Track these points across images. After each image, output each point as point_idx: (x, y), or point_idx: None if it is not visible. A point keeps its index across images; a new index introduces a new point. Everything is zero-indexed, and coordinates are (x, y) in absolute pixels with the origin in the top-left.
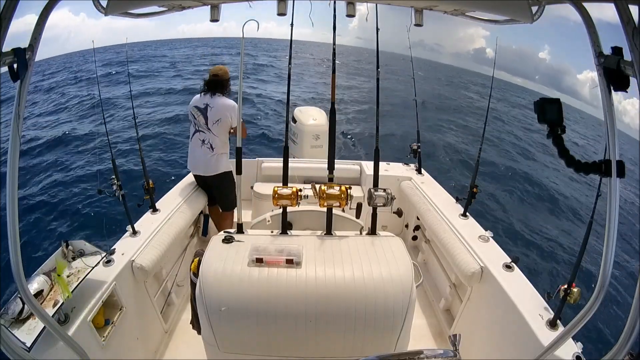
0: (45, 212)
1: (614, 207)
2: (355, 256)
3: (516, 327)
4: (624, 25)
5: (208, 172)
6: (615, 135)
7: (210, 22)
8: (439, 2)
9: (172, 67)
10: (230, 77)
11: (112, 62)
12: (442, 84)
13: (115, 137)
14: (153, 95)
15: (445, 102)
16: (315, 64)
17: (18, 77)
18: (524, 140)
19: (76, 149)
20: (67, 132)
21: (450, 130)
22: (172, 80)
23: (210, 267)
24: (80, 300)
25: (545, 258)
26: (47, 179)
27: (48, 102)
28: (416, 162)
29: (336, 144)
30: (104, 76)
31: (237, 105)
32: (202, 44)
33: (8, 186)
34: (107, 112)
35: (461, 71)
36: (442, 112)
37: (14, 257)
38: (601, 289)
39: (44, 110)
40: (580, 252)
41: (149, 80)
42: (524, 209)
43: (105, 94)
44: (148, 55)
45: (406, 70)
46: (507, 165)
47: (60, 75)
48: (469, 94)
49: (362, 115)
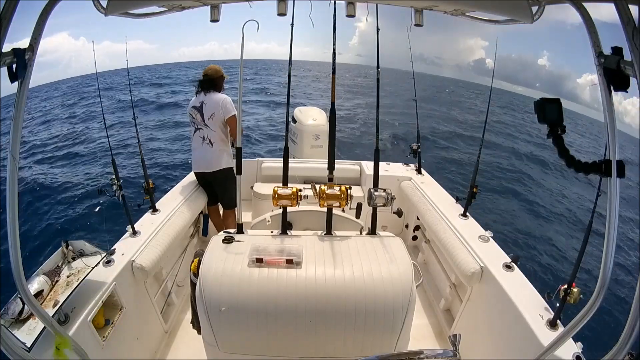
0: (45, 212)
1: (613, 207)
2: (355, 256)
3: (516, 327)
4: (624, 25)
5: (209, 168)
6: (616, 135)
7: (210, 22)
8: (439, 2)
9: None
10: (229, 79)
11: (113, 85)
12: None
13: (116, 137)
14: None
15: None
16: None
17: (16, 78)
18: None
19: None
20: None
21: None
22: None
23: (210, 267)
24: (80, 300)
25: (545, 258)
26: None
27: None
28: (416, 162)
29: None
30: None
31: (237, 106)
32: (204, 66)
33: (8, 186)
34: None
35: (465, 84)
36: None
37: (14, 257)
38: (601, 289)
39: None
40: (580, 252)
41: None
42: (524, 208)
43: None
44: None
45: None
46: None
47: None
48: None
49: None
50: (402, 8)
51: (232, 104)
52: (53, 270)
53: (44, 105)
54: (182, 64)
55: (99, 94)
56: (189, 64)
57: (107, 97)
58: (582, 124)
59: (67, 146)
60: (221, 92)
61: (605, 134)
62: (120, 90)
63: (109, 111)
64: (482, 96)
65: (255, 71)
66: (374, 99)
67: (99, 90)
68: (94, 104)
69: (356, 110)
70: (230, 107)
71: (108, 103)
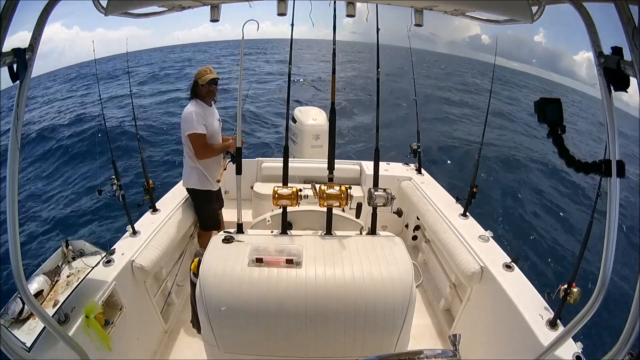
0: (45, 212)
1: (613, 207)
2: (355, 256)
3: (516, 327)
4: (624, 25)
5: (184, 184)
6: (616, 135)
7: (211, 22)
8: (439, 2)
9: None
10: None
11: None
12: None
13: (116, 138)
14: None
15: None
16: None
17: (17, 78)
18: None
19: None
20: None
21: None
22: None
23: (210, 267)
24: (80, 300)
25: (545, 258)
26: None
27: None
28: (416, 162)
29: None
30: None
31: (237, 105)
32: (198, 49)
33: (8, 186)
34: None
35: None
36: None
37: (14, 257)
38: (601, 289)
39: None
40: (580, 252)
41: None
42: (525, 207)
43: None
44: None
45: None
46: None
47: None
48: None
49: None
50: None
51: (191, 119)
52: (53, 270)
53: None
54: (177, 47)
55: (100, 98)
56: (184, 47)
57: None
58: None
59: (67, 145)
60: (200, 98)
61: (605, 134)
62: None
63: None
64: (473, 72)
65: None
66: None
67: (100, 93)
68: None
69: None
70: (187, 124)
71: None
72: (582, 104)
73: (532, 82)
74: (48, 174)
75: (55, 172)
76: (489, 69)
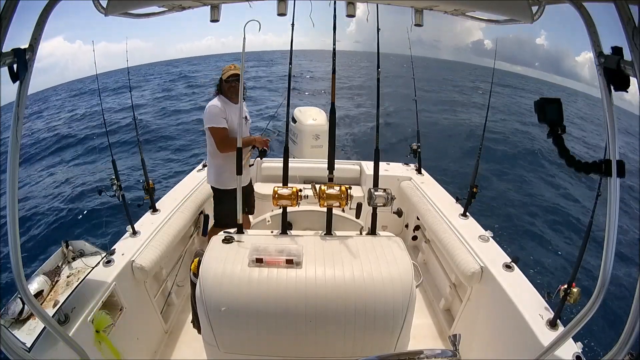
0: (45, 212)
1: (613, 207)
2: (355, 256)
3: (516, 327)
4: (624, 25)
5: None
6: (616, 135)
7: (211, 22)
8: (439, 2)
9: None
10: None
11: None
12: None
13: (117, 139)
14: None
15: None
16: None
17: (17, 78)
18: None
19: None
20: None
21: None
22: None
23: (210, 267)
24: (80, 300)
25: (545, 258)
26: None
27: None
28: (416, 162)
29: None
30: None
31: (239, 106)
32: (202, 61)
33: (8, 187)
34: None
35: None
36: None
37: (14, 257)
38: (601, 289)
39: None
40: (580, 252)
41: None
42: (525, 206)
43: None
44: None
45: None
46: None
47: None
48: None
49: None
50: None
51: (210, 113)
52: (53, 270)
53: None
54: (180, 60)
55: (100, 101)
56: (186, 60)
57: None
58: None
59: (67, 146)
60: (221, 96)
61: (605, 134)
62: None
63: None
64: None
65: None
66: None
67: (100, 94)
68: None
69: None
70: (206, 117)
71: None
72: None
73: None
74: (48, 174)
75: (55, 172)
76: (500, 77)
